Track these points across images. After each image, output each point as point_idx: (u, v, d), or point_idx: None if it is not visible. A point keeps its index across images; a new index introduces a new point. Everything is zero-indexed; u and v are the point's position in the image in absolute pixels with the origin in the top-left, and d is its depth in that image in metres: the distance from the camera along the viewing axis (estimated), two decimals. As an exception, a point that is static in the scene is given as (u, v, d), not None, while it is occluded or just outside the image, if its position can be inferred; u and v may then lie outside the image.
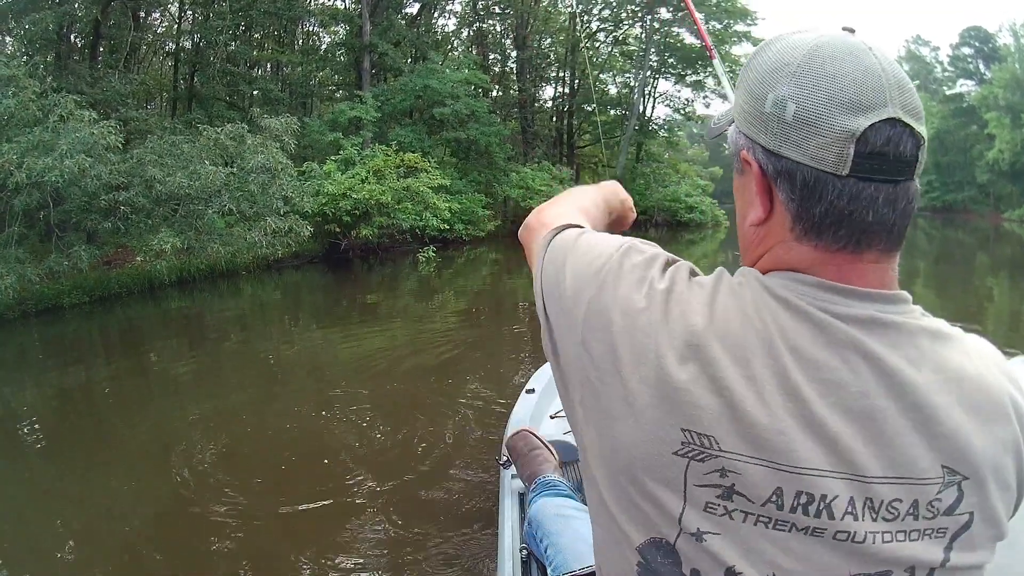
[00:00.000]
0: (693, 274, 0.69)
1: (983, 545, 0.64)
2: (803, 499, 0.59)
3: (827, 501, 0.59)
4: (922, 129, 0.61)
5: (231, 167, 11.76)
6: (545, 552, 2.12)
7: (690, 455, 0.61)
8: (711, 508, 0.61)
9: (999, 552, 0.67)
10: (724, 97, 3.61)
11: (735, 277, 0.68)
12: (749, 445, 0.60)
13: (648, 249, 0.73)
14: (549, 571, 2.08)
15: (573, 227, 0.81)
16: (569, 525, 1.94)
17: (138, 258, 12.13)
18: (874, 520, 0.60)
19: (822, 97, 0.60)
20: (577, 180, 27.84)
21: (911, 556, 0.61)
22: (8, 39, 15.78)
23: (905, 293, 0.65)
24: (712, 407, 0.60)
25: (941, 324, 0.66)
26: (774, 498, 0.60)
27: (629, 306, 0.66)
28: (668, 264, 0.70)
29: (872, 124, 0.59)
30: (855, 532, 0.60)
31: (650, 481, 0.63)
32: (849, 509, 0.60)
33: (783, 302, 0.63)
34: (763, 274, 0.66)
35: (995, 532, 0.65)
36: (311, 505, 3.88)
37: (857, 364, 0.61)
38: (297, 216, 12.85)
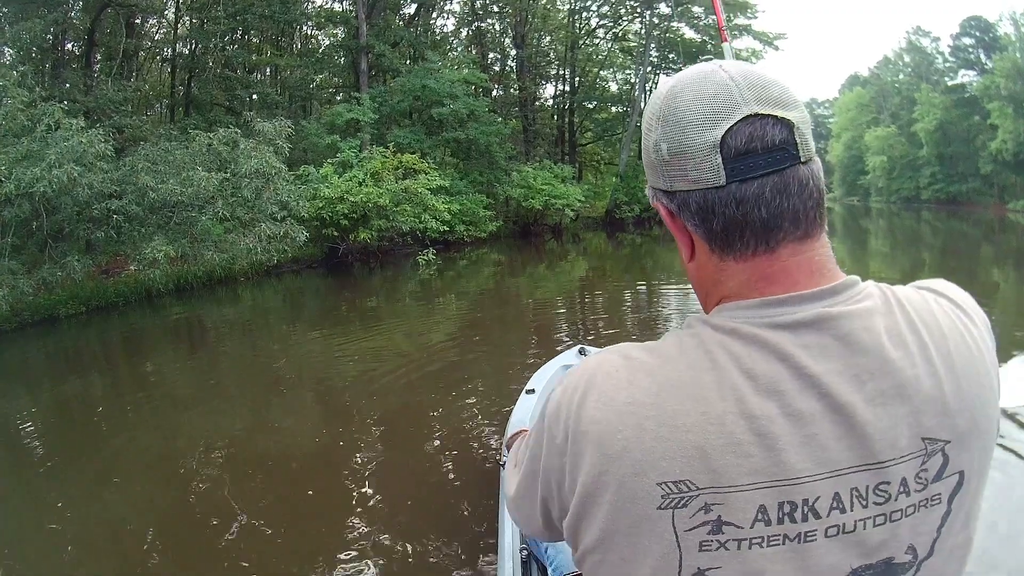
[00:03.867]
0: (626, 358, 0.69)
1: (976, 499, 0.66)
2: (787, 508, 0.61)
3: (810, 504, 0.61)
4: (789, 113, 0.63)
5: (225, 172, 11.63)
6: (545, 552, 2.17)
7: (672, 505, 0.62)
8: (706, 547, 0.62)
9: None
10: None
11: (685, 330, 0.69)
12: (722, 476, 0.61)
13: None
14: (549, 571, 2.07)
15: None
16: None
17: (131, 267, 12.05)
18: (864, 507, 0.61)
19: (682, 127, 0.65)
20: (579, 178, 27.74)
21: (909, 532, 0.63)
22: (7, 49, 15.73)
23: (852, 278, 0.66)
24: (679, 455, 0.62)
25: (889, 292, 0.67)
26: (760, 516, 0.61)
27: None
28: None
29: (728, 129, 0.62)
30: (844, 524, 0.61)
31: (642, 543, 0.64)
32: (834, 504, 0.61)
33: (730, 332, 0.65)
34: (713, 311, 0.69)
35: (981, 483, 0.67)
36: (313, 506, 3.94)
37: (809, 368, 0.62)
38: (293, 221, 12.72)
